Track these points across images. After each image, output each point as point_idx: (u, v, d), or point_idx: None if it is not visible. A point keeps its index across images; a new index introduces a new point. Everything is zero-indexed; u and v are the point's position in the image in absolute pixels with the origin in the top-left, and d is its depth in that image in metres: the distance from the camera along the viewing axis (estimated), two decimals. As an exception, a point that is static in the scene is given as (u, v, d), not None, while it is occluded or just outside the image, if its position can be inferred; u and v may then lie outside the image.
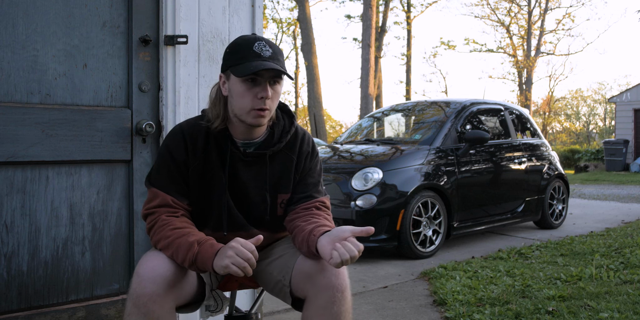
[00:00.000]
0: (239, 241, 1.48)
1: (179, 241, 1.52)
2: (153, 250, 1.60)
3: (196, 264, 1.50)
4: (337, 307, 1.52)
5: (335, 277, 1.53)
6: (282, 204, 1.73)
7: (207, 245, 1.51)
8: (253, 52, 1.58)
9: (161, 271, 1.48)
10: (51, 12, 2.01)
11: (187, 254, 1.50)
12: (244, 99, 1.59)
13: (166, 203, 1.62)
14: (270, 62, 1.57)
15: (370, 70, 15.79)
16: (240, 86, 1.59)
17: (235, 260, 1.43)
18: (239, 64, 1.58)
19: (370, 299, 3.30)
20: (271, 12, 25.39)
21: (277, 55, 1.61)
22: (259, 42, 1.60)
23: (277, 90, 1.63)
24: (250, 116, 1.60)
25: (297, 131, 1.77)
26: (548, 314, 2.74)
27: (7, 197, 1.95)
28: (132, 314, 1.46)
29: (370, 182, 4.54)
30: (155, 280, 1.46)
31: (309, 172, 1.76)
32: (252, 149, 1.69)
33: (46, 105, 2.02)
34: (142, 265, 1.50)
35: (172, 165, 1.64)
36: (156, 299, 1.45)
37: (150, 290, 1.45)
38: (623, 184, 12.14)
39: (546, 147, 6.38)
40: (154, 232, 1.59)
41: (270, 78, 1.59)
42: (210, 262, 1.48)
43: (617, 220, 6.60)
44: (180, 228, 1.57)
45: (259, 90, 1.58)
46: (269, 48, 1.60)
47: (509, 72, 35.75)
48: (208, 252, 1.49)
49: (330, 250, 1.47)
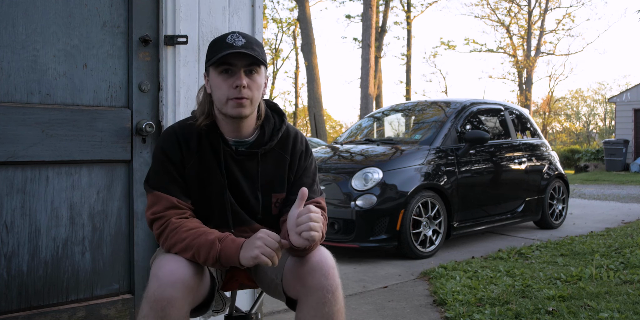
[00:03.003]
0: (265, 232, 1.49)
1: (198, 241, 1.52)
2: (168, 254, 1.57)
3: (221, 260, 1.51)
4: (329, 307, 1.51)
5: (325, 278, 1.51)
6: (277, 203, 1.73)
7: (229, 240, 1.52)
8: (225, 44, 1.59)
9: (180, 275, 1.47)
10: (51, 12, 2.01)
11: (209, 253, 1.50)
12: (221, 89, 1.60)
13: (172, 205, 1.61)
14: (242, 50, 1.58)
15: (370, 70, 15.79)
16: (217, 78, 1.61)
17: (264, 250, 1.45)
18: (212, 57, 1.60)
19: (370, 299, 3.30)
20: (271, 12, 25.41)
21: (251, 44, 1.61)
22: (232, 34, 1.62)
23: (256, 79, 1.62)
24: (229, 106, 1.61)
25: (289, 130, 1.76)
26: (548, 314, 2.74)
27: (7, 197, 1.95)
28: (148, 316, 1.44)
29: (370, 182, 4.54)
30: (175, 284, 1.45)
31: (304, 172, 1.75)
32: (244, 148, 1.69)
33: (46, 105, 2.02)
34: (160, 269, 1.48)
35: (171, 166, 1.64)
36: (174, 303, 1.44)
37: (169, 294, 1.43)
38: (623, 184, 12.14)
39: (546, 147, 6.38)
40: (166, 236, 1.57)
41: (244, 67, 1.60)
42: (236, 256, 1.49)
43: (617, 220, 6.60)
44: (194, 228, 1.56)
45: (233, 79, 1.59)
46: (242, 38, 1.61)
47: (509, 72, 35.78)
48: (232, 247, 1.50)
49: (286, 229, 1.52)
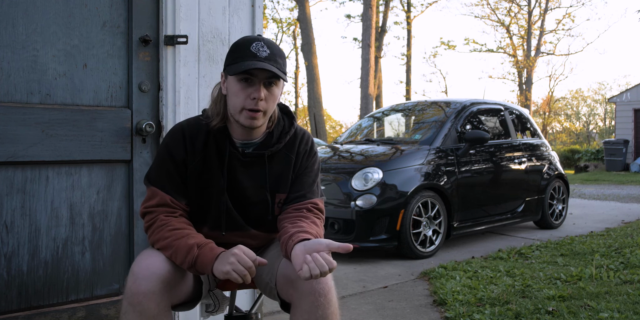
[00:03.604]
0: (241, 249, 1.48)
1: (177, 243, 1.52)
2: (149, 249, 1.60)
3: (195, 267, 1.51)
4: (322, 311, 1.50)
5: (316, 282, 1.50)
6: (280, 203, 1.73)
7: (207, 248, 1.52)
8: (249, 52, 1.57)
9: (155, 269, 1.48)
10: (51, 12, 2.01)
11: (186, 257, 1.50)
12: (237, 98, 1.59)
13: (165, 202, 1.62)
14: (265, 62, 1.56)
15: (370, 70, 15.78)
16: (235, 85, 1.59)
17: (236, 267, 1.44)
18: (234, 62, 1.58)
19: (370, 299, 3.30)
20: (271, 12, 25.39)
21: (275, 56, 1.59)
22: (257, 42, 1.59)
23: (274, 92, 1.61)
24: (243, 116, 1.60)
25: (297, 131, 1.76)
26: (548, 314, 2.74)
27: (7, 197, 1.95)
28: (127, 312, 1.46)
29: (370, 182, 4.54)
30: (150, 278, 1.46)
31: (305, 171, 1.74)
32: (251, 150, 1.69)
33: (46, 105, 2.02)
34: (137, 264, 1.50)
35: (171, 164, 1.64)
36: (151, 296, 1.45)
37: (145, 288, 1.45)
38: (623, 184, 12.14)
39: (546, 147, 6.38)
40: (152, 231, 1.59)
41: (265, 79, 1.58)
42: (210, 266, 1.48)
43: (617, 220, 6.60)
44: (179, 229, 1.56)
45: (252, 90, 1.58)
46: (266, 49, 1.58)
47: (509, 72, 35.76)
48: (208, 256, 1.50)
49: (301, 261, 1.42)
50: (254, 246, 1.70)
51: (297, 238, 1.52)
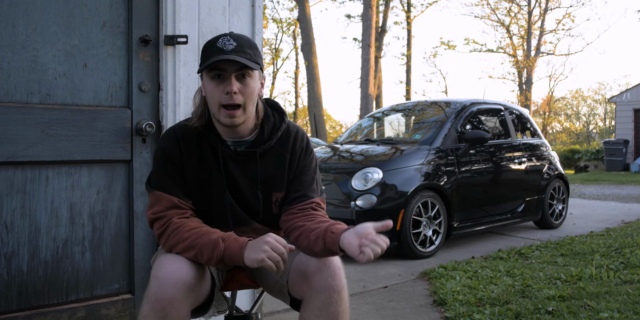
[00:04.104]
0: (272, 236, 1.49)
1: (200, 241, 1.52)
2: (169, 254, 1.57)
3: (224, 260, 1.51)
4: (334, 307, 1.52)
5: (331, 278, 1.52)
6: (277, 202, 1.72)
7: (232, 240, 1.53)
8: (216, 48, 1.57)
9: (182, 275, 1.47)
10: (51, 12, 2.01)
11: (213, 252, 1.50)
12: (213, 96, 1.59)
13: (173, 205, 1.61)
14: (232, 54, 1.55)
15: (370, 70, 15.79)
16: (209, 83, 1.60)
17: (270, 254, 1.45)
18: (203, 62, 1.59)
19: (370, 299, 3.30)
20: (271, 12, 25.40)
21: (242, 48, 1.58)
22: (224, 37, 1.59)
23: (248, 84, 1.60)
24: (222, 115, 1.60)
25: (290, 128, 1.75)
26: (548, 314, 2.74)
27: (7, 197, 1.95)
28: (148, 316, 1.45)
29: (370, 182, 4.54)
30: (177, 284, 1.45)
31: (303, 170, 1.73)
32: (243, 148, 1.69)
33: (46, 105, 2.02)
34: (161, 269, 1.48)
35: (171, 166, 1.64)
36: (175, 303, 1.44)
37: (171, 295, 1.44)
38: (623, 184, 12.14)
39: (546, 147, 6.38)
40: (167, 236, 1.57)
41: (235, 72, 1.57)
42: (240, 256, 1.49)
43: (617, 220, 6.60)
44: (196, 228, 1.56)
45: (224, 85, 1.58)
46: (232, 42, 1.58)
47: (509, 72, 35.78)
48: (235, 247, 1.51)
49: (357, 246, 1.47)
50: None
51: (337, 229, 1.54)
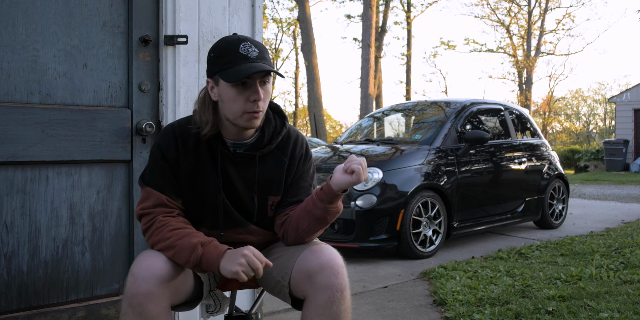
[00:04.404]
0: (251, 250, 1.49)
1: (180, 242, 1.52)
2: (148, 250, 1.59)
3: (201, 265, 1.50)
4: (337, 306, 1.52)
5: (334, 277, 1.52)
6: (273, 206, 1.72)
7: (211, 246, 1.51)
8: (240, 55, 1.55)
9: (155, 270, 1.47)
10: (51, 12, 2.01)
11: (190, 256, 1.50)
12: (236, 103, 1.57)
13: (161, 202, 1.61)
14: (259, 62, 1.55)
15: (370, 70, 15.79)
16: (231, 91, 1.56)
17: (246, 269, 1.45)
18: (227, 68, 1.55)
19: (370, 299, 3.30)
20: (271, 12, 25.41)
21: (263, 53, 1.58)
22: (244, 43, 1.57)
23: (267, 89, 1.61)
24: (244, 119, 1.59)
25: (290, 133, 1.75)
26: (548, 314, 2.74)
27: (7, 197, 1.95)
28: (127, 313, 1.46)
29: (370, 182, 4.54)
30: (149, 279, 1.46)
31: (301, 176, 1.74)
32: (242, 150, 1.68)
33: (46, 105, 2.02)
34: (136, 265, 1.50)
35: (165, 164, 1.63)
36: (151, 298, 1.45)
37: (145, 289, 1.44)
38: (623, 184, 12.14)
39: (546, 147, 6.38)
40: (151, 233, 1.58)
41: (260, 78, 1.57)
42: (216, 264, 1.48)
43: (617, 220, 6.60)
44: (179, 229, 1.56)
45: (250, 93, 1.56)
46: (254, 48, 1.57)
47: (509, 72, 35.78)
48: (213, 254, 1.50)
49: (346, 175, 1.54)
50: (254, 243, 1.69)
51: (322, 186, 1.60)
